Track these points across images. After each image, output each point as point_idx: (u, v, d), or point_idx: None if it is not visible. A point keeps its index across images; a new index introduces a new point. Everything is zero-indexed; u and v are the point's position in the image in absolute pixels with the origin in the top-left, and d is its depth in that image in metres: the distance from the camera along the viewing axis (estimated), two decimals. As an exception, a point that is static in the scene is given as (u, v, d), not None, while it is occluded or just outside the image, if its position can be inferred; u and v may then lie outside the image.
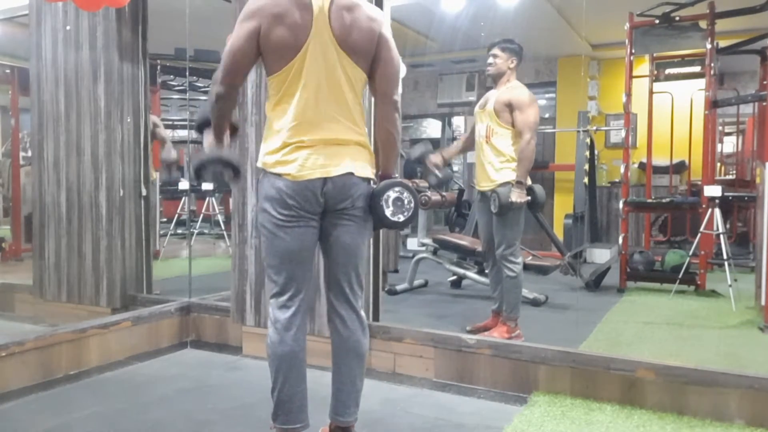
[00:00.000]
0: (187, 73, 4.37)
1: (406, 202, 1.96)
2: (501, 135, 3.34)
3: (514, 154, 3.33)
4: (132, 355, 3.19)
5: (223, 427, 2.34)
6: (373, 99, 2.04)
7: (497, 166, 3.35)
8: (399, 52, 2.02)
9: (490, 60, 3.42)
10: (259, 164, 1.94)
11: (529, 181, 3.39)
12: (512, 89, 3.35)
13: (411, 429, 2.33)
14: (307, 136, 1.86)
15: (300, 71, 1.83)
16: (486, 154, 3.39)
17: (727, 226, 5.74)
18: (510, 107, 3.31)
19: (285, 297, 1.94)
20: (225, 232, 6.29)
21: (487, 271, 4.60)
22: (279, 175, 1.86)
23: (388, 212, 1.94)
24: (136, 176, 3.75)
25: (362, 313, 2.07)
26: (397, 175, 2.08)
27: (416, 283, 5.07)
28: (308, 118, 1.86)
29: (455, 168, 8.29)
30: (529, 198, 3.33)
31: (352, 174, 1.90)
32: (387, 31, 1.95)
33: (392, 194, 1.94)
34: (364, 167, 1.94)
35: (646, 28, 5.15)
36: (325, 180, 1.86)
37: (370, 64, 1.93)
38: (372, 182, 1.98)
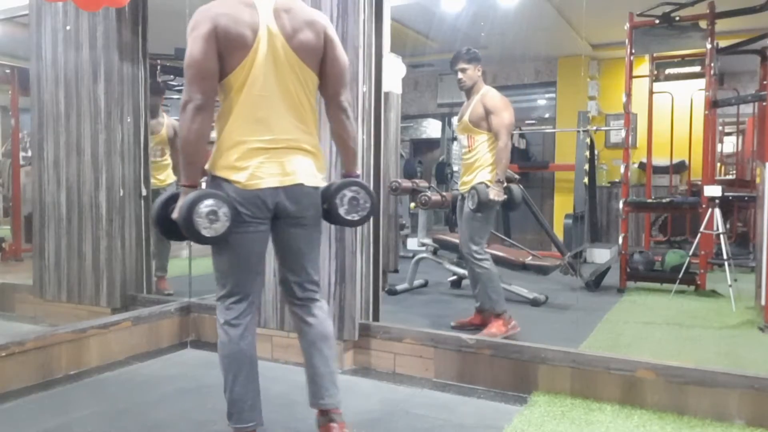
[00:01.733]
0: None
1: (361, 201, 1.99)
2: (482, 142, 3.49)
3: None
4: (132, 355, 3.19)
5: (223, 427, 2.33)
6: (323, 102, 2.03)
7: (481, 170, 3.49)
8: (399, 52, 2.03)
9: (460, 75, 3.54)
10: (207, 166, 1.91)
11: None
12: (484, 96, 3.49)
13: (411, 429, 2.33)
14: (258, 137, 1.85)
15: (251, 69, 1.82)
16: (470, 161, 3.55)
17: (727, 226, 5.74)
18: (485, 113, 3.46)
19: (232, 300, 1.94)
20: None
21: (456, 269, 4.77)
22: (228, 180, 1.84)
23: (341, 210, 1.97)
24: (136, 176, 3.75)
25: (321, 298, 2.09)
26: (359, 173, 2.11)
27: (416, 283, 5.07)
28: (260, 117, 1.85)
29: (455, 168, 8.29)
30: (506, 197, 3.48)
31: (302, 185, 1.91)
32: (331, 31, 1.96)
33: (348, 193, 1.97)
34: (313, 175, 1.95)
35: (646, 28, 5.15)
36: (276, 189, 1.86)
37: (318, 65, 1.93)
38: (320, 189, 2.00)
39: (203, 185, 1.91)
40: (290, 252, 2.00)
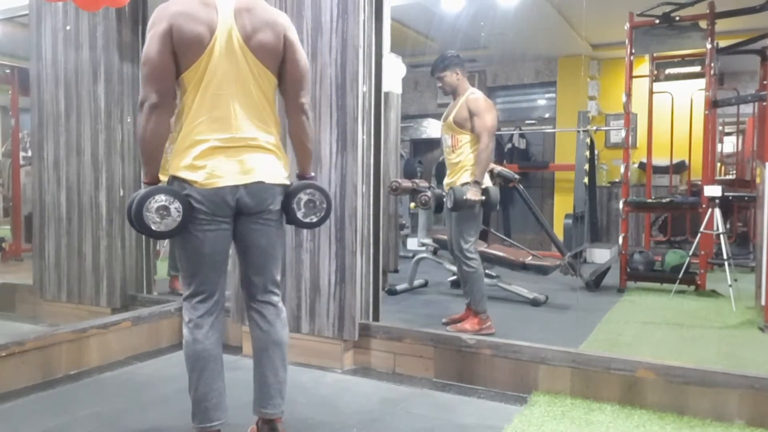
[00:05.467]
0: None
1: (317, 203, 2.01)
2: (465, 143, 3.55)
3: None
4: (132, 355, 3.19)
5: (222, 427, 2.34)
6: (284, 104, 2.03)
7: (465, 171, 3.54)
8: (399, 52, 2.02)
9: (439, 84, 3.65)
10: (166, 166, 1.91)
11: (488, 183, 3.62)
12: (469, 99, 3.55)
13: (411, 429, 2.33)
14: (216, 135, 1.85)
15: (207, 68, 1.82)
16: (455, 161, 3.60)
17: (727, 226, 5.74)
18: (469, 115, 3.51)
19: (197, 299, 1.94)
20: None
21: (455, 269, 4.74)
22: (186, 181, 1.84)
23: (299, 214, 1.99)
24: (136, 176, 3.75)
25: (280, 304, 2.08)
26: (313, 174, 2.13)
27: (416, 283, 5.07)
28: (217, 116, 1.85)
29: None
30: (483, 198, 3.52)
31: (263, 182, 1.90)
32: (292, 34, 1.95)
33: (303, 197, 1.98)
34: (275, 173, 1.94)
35: (646, 28, 5.15)
36: (235, 187, 1.86)
37: (278, 67, 1.94)
38: (285, 186, 1.99)
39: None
40: (252, 249, 1.98)
